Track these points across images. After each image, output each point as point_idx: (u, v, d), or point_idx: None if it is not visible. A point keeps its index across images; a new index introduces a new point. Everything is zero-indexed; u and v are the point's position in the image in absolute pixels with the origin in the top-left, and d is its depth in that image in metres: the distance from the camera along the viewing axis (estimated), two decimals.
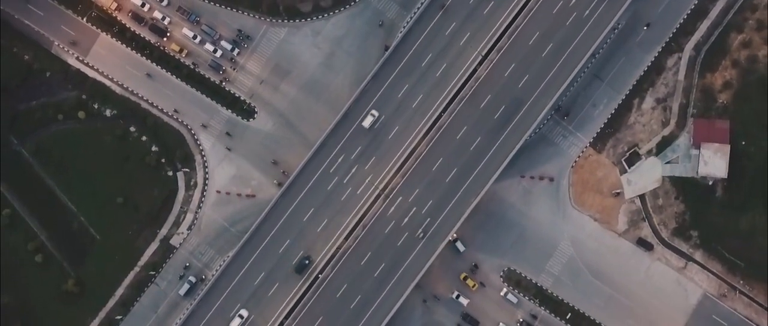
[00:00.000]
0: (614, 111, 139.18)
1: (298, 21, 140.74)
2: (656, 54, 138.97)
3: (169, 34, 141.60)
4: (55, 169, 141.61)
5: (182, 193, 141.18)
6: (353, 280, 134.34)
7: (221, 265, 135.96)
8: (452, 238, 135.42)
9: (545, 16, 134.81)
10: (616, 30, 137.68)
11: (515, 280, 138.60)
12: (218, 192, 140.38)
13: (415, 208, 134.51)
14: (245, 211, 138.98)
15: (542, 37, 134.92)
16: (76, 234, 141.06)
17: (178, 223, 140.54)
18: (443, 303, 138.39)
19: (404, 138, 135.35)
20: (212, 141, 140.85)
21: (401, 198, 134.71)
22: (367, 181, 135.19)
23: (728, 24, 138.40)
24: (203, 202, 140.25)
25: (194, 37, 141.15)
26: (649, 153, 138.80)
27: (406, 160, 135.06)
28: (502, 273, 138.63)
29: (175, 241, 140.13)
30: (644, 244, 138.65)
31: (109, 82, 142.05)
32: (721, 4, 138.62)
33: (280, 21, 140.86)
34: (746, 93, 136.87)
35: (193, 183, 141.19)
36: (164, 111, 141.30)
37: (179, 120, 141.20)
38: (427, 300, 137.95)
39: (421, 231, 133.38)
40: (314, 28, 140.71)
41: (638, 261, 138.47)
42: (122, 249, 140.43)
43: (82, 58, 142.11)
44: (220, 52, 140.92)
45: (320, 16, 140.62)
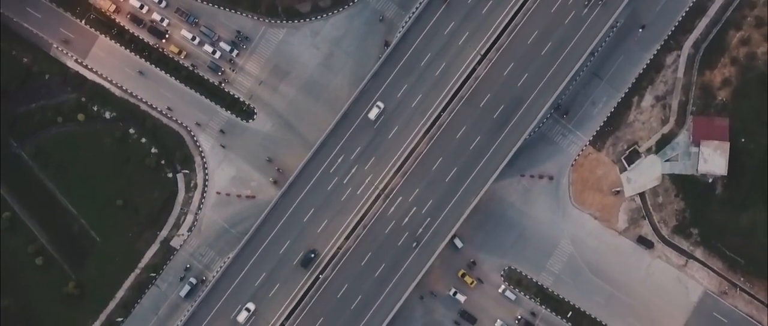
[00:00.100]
0: (613, 109, 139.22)
1: (296, 22, 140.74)
2: (655, 52, 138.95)
3: (167, 36, 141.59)
4: (55, 172, 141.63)
5: (182, 195, 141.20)
6: (354, 280, 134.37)
7: (222, 267, 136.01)
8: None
9: (544, 15, 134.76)
10: (614, 28, 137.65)
11: (516, 279, 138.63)
12: (218, 193, 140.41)
13: (415, 208, 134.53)
14: (245, 212, 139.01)
15: (541, 36, 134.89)
16: (76, 236, 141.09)
17: (178, 225, 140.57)
18: (440, 300, 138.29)
19: (404, 137, 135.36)
20: (212, 142, 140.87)
21: (401, 198, 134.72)
22: (367, 181, 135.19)
23: (727, 21, 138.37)
24: (203, 204, 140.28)
25: (193, 39, 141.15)
26: (648, 151, 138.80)
27: (405, 160, 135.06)
28: (502, 272, 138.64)
29: (175, 243, 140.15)
30: (644, 242, 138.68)
31: (108, 84, 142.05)
32: (719, 2, 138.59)
33: (278, 22, 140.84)
34: (745, 90, 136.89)
35: (193, 184, 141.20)
36: (163, 113, 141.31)
37: (178, 121, 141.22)
38: (424, 297, 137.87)
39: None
40: (313, 29, 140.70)
41: (639, 259, 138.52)
42: (123, 251, 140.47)
43: (80, 61, 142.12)
44: (218, 54, 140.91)
45: (319, 17, 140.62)
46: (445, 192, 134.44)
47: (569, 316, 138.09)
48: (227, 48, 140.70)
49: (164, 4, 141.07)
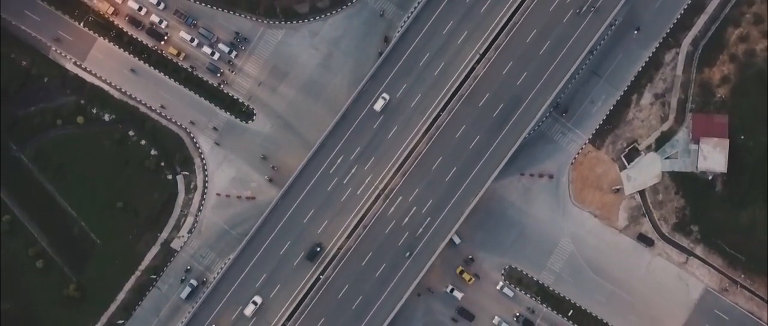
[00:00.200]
0: (613, 107, 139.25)
1: (295, 22, 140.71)
2: (654, 49, 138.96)
3: (166, 38, 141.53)
4: (54, 174, 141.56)
5: (182, 196, 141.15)
6: (355, 281, 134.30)
7: (222, 268, 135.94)
8: None
9: (542, 14, 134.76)
10: (613, 26, 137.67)
11: (516, 278, 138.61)
12: (218, 194, 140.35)
13: (415, 208, 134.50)
14: (245, 213, 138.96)
15: (539, 35, 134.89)
16: (76, 239, 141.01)
17: (178, 227, 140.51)
18: (438, 297, 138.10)
19: (403, 137, 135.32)
20: (211, 144, 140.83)
21: (401, 197, 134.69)
22: (366, 181, 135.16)
23: (725, 18, 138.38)
24: (203, 205, 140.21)
25: (191, 40, 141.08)
26: (648, 148, 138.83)
27: (405, 160, 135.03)
28: (503, 271, 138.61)
29: (175, 245, 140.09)
30: (645, 240, 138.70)
31: (107, 87, 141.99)
32: None
33: (277, 23, 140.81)
34: (744, 87, 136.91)
35: (192, 186, 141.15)
36: (162, 114, 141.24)
37: (178, 123, 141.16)
38: (421, 294, 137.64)
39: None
40: (312, 30, 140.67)
41: (639, 256, 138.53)
42: (123, 253, 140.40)
43: (79, 63, 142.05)
44: (217, 55, 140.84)
45: (317, 17, 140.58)
46: (445, 191, 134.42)
47: (570, 315, 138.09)
48: (226, 49, 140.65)
49: (162, 6, 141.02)
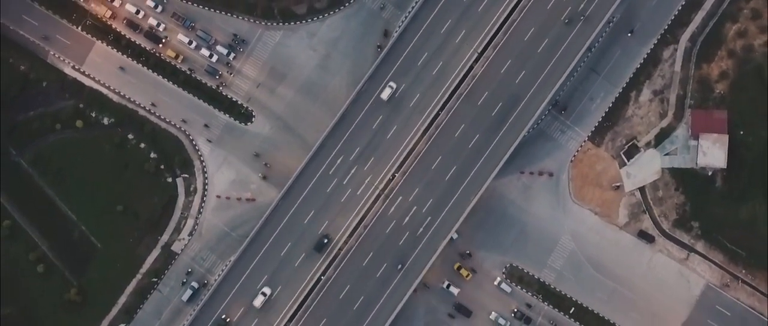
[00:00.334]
0: (612, 104, 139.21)
1: (293, 23, 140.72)
2: (652, 46, 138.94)
3: (164, 41, 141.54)
4: (54, 179, 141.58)
5: (182, 199, 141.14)
6: (356, 281, 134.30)
7: (223, 270, 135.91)
8: None
9: (540, 12, 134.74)
10: (610, 23, 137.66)
11: (518, 276, 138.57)
12: (218, 197, 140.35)
13: (415, 207, 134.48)
14: (246, 215, 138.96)
15: (538, 33, 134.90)
16: (77, 243, 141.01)
17: (178, 229, 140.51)
18: (434, 292, 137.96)
19: (403, 137, 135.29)
20: (210, 146, 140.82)
21: (401, 197, 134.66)
22: (366, 182, 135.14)
23: (723, 14, 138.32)
24: (203, 208, 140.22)
25: (190, 43, 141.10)
26: (647, 145, 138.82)
27: (405, 160, 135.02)
28: (504, 269, 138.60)
29: (176, 247, 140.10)
30: (645, 237, 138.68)
31: (105, 90, 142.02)
32: None
33: (275, 24, 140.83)
34: (743, 83, 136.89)
35: (192, 188, 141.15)
36: (161, 117, 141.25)
37: (177, 126, 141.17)
38: (417, 289, 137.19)
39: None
40: (309, 31, 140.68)
41: (640, 253, 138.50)
42: (124, 256, 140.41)
43: (78, 67, 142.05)
44: (216, 57, 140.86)
45: (315, 18, 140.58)
46: (445, 191, 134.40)
47: (572, 312, 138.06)
48: (224, 51, 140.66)
49: (160, 9, 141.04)
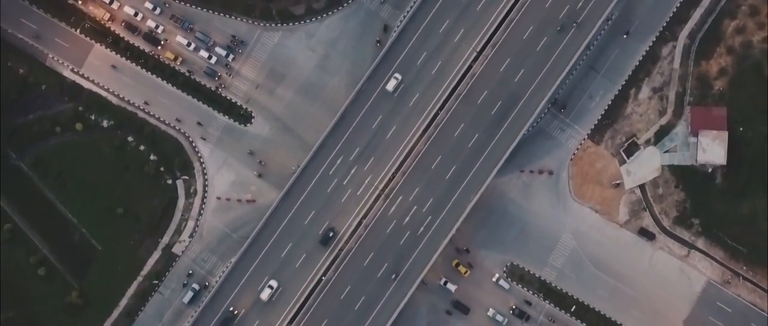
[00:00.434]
0: (611, 102, 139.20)
1: (291, 24, 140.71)
2: (651, 43, 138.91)
3: (163, 43, 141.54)
4: (54, 182, 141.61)
5: (182, 201, 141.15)
6: (357, 281, 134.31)
7: (224, 271, 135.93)
8: None
9: (538, 10, 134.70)
10: (609, 21, 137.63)
11: (519, 275, 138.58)
12: (218, 198, 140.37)
13: (415, 207, 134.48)
14: (246, 217, 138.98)
15: (536, 31, 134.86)
16: (77, 246, 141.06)
17: (179, 231, 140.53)
18: (432, 289, 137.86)
19: (402, 137, 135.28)
20: (210, 147, 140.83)
21: (402, 197, 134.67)
22: (366, 182, 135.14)
23: (721, 10, 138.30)
24: (204, 209, 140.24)
25: (188, 45, 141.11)
26: (647, 142, 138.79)
27: (405, 159, 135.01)
28: (505, 268, 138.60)
29: (177, 249, 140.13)
30: (646, 234, 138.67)
31: (104, 93, 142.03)
32: None
33: (273, 25, 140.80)
34: (742, 79, 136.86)
35: (192, 190, 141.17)
36: (160, 119, 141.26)
37: (176, 128, 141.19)
38: (417, 287, 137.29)
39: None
40: (308, 31, 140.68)
41: (641, 251, 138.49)
42: (124, 259, 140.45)
43: (77, 70, 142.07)
44: (214, 59, 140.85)
45: (313, 19, 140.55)
46: (445, 190, 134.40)
47: (573, 310, 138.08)
48: (223, 53, 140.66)
49: (159, 11, 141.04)
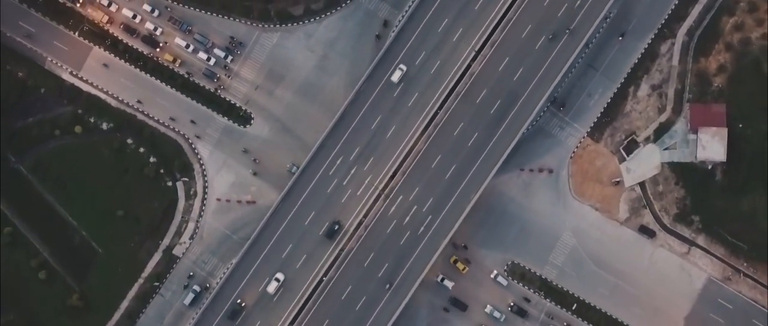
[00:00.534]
0: (610, 100, 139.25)
1: (290, 25, 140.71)
2: (649, 41, 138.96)
3: (161, 45, 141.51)
4: (54, 185, 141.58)
5: (182, 203, 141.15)
6: (357, 281, 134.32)
7: (225, 273, 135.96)
8: None
9: (537, 9, 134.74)
10: (607, 19, 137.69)
11: (519, 273, 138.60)
12: (218, 200, 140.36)
13: (415, 206, 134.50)
14: (246, 218, 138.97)
15: (535, 30, 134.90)
16: (78, 248, 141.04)
17: (179, 233, 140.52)
18: (429, 286, 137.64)
19: (402, 137, 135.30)
20: (210, 149, 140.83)
21: (402, 197, 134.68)
22: (366, 182, 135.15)
23: (720, 7, 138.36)
24: (204, 211, 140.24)
25: (187, 47, 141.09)
26: (646, 140, 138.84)
27: (404, 159, 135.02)
28: (505, 267, 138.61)
29: (177, 251, 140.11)
30: (646, 231, 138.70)
31: (104, 96, 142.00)
32: None
33: (272, 26, 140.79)
34: (741, 76, 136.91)
35: (192, 192, 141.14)
36: (160, 121, 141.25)
37: (176, 129, 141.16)
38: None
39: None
40: (307, 32, 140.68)
41: (641, 248, 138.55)
42: (125, 261, 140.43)
43: (75, 73, 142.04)
44: (213, 60, 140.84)
45: (312, 19, 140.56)
46: (445, 189, 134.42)
47: (574, 308, 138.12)
48: (222, 54, 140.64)
49: (157, 13, 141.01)
